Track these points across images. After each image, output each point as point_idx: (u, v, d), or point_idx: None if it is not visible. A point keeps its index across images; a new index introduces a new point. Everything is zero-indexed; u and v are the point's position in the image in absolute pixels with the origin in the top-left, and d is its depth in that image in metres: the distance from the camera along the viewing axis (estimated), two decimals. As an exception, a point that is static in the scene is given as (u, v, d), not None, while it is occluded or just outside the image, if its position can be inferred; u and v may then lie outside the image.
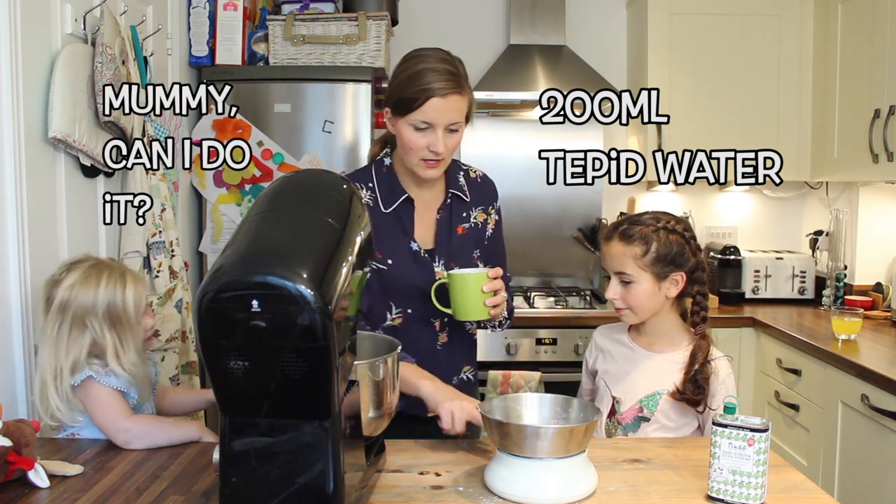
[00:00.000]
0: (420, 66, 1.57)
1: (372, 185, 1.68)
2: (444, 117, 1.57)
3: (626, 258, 1.63)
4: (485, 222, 1.79)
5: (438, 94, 1.55)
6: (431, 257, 1.69)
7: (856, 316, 2.52)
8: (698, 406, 1.61)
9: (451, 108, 1.57)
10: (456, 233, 1.73)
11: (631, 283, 1.63)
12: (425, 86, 1.54)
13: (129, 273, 1.60)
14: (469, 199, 1.75)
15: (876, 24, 2.68)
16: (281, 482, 1.08)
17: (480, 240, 1.78)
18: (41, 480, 1.29)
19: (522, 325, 2.92)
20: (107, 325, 1.53)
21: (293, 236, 1.08)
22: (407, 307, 1.67)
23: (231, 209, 2.84)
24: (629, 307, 1.65)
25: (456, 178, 1.75)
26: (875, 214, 3.08)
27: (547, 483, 1.24)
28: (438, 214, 1.72)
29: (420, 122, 1.57)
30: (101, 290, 1.53)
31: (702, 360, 1.61)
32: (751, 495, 1.23)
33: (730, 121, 3.18)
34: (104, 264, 1.60)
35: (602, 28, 3.53)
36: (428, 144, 1.58)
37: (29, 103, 1.78)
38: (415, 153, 1.59)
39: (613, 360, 1.74)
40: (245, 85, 2.85)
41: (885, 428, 2.11)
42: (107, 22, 2.00)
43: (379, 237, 1.62)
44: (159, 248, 2.25)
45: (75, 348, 1.52)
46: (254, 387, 1.06)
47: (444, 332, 1.72)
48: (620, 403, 1.67)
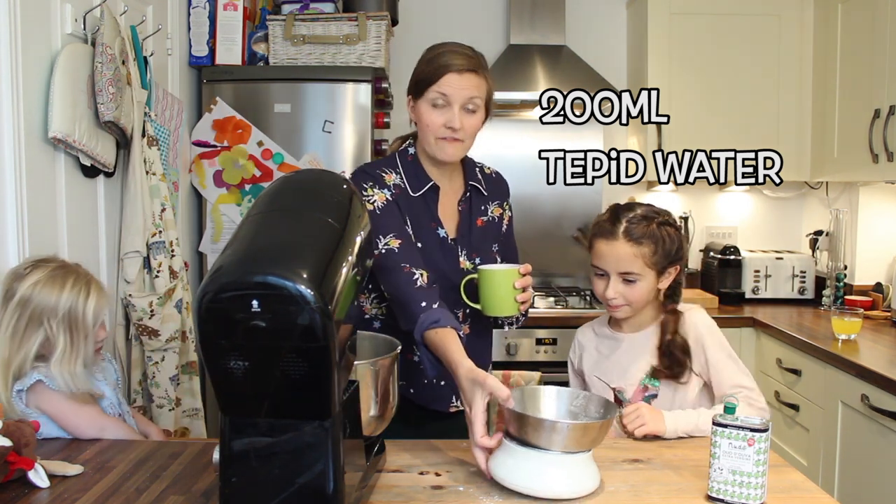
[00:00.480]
0: (439, 51, 1.63)
1: (399, 171, 1.69)
2: (461, 93, 1.59)
3: (636, 259, 1.62)
4: (500, 217, 1.81)
5: (454, 69, 1.58)
6: (456, 246, 1.70)
7: (856, 316, 2.52)
8: (680, 378, 1.61)
9: (466, 84, 1.59)
10: (476, 225, 1.74)
11: (635, 281, 1.63)
12: (443, 63, 1.59)
13: (94, 283, 1.60)
14: (487, 193, 1.77)
15: (876, 24, 2.68)
16: (281, 482, 1.08)
17: (498, 234, 1.80)
18: (41, 480, 1.29)
19: (522, 325, 2.91)
20: (63, 328, 1.53)
21: (293, 236, 1.08)
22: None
23: (231, 209, 2.84)
24: (629, 303, 1.65)
25: (474, 171, 1.77)
26: (875, 214, 3.08)
27: (554, 476, 1.25)
28: (460, 206, 1.73)
29: (437, 95, 1.59)
30: (65, 294, 1.54)
31: (672, 331, 1.62)
32: (751, 495, 1.23)
33: (730, 121, 3.18)
34: (71, 269, 1.60)
35: (602, 28, 3.53)
36: (445, 122, 1.60)
37: (29, 103, 1.78)
38: (432, 131, 1.61)
39: (601, 355, 1.74)
40: (245, 85, 2.85)
41: (885, 428, 2.11)
42: (107, 22, 2.00)
43: (410, 219, 1.65)
44: (159, 248, 2.25)
45: (26, 345, 1.52)
46: (254, 387, 1.06)
47: (467, 324, 1.73)
48: (624, 392, 1.68)
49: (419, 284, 1.54)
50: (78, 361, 1.53)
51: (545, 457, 1.25)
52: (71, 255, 1.94)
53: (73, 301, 1.54)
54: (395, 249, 1.58)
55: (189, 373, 2.41)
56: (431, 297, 1.52)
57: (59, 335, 1.52)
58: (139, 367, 2.24)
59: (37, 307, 1.52)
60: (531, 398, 1.39)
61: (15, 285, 1.54)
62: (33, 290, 1.53)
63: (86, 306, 1.55)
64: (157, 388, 2.25)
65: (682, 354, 1.62)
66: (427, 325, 1.46)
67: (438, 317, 1.46)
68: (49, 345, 1.54)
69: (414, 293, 1.51)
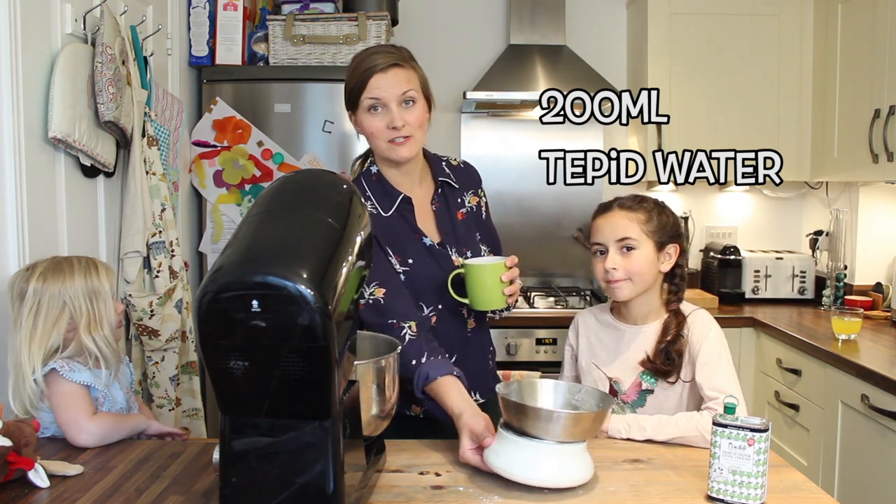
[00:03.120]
0: (360, 57, 1.62)
1: (368, 195, 1.68)
2: (392, 90, 1.58)
3: (632, 223, 1.62)
4: (479, 205, 1.81)
5: (378, 69, 1.58)
6: (444, 248, 1.70)
7: (856, 316, 2.52)
8: (668, 377, 1.61)
9: (394, 80, 1.58)
10: (458, 219, 1.74)
11: (633, 249, 1.62)
12: (366, 67, 1.59)
13: (98, 261, 1.65)
14: (458, 185, 1.77)
15: (876, 24, 2.68)
16: (281, 482, 1.08)
17: (480, 223, 1.80)
18: (41, 480, 1.29)
19: (522, 325, 2.92)
20: (84, 297, 1.57)
21: (293, 236, 1.08)
22: (437, 303, 1.67)
23: (231, 209, 2.84)
24: (629, 276, 1.63)
25: (440, 166, 1.76)
26: (875, 214, 3.08)
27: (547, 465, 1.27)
28: (433, 206, 1.72)
29: (370, 101, 1.59)
30: (76, 272, 1.59)
31: (674, 333, 1.62)
32: (751, 495, 1.23)
33: (730, 121, 3.18)
34: (70, 257, 1.64)
35: (602, 28, 3.53)
36: (387, 123, 1.59)
37: (29, 103, 1.78)
38: (379, 136, 1.61)
39: (601, 342, 1.73)
40: (245, 85, 2.85)
41: (885, 428, 2.11)
42: (107, 22, 2.00)
43: (393, 241, 1.64)
44: (159, 248, 2.25)
45: (54, 332, 1.54)
46: (254, 387, 1.06)
47: (472, 318, 1.74)
48: (619, 383, 1.67)
49: (408, 339, 1.54)
50: (104, 327, 1.58)
51: (539, 447, 1.26)
52: (71, 254, 1.94)
53: (86, 275, 1.59)
54: (381, 300, 1.57)
55: (189, 373, 2.41)
56: (420, 349, 1.54)
57: (82, 305, 1.57)
58: (139, 367, 2.24)
59: (53, 292, 1.55)
60: (530, 391, 1.40)
61: (24, 285, 1.57)
62: (44, 280, 1.56)
63: (99, 276, 1.60)
64: (157, 388, 2.26)
65: (678, 357, 1.62)
66: (421, 384, 1.51)
67: (428, 371, 1.50)
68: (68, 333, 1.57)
69: (405, 351, 1.52)
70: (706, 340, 1.62)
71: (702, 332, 1.64)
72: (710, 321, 1.67)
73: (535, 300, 3.16)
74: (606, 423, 1.54)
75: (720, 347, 1.63)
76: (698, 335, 1.63)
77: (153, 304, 2.19)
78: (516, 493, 1.27)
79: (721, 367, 1.60)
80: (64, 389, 1.53)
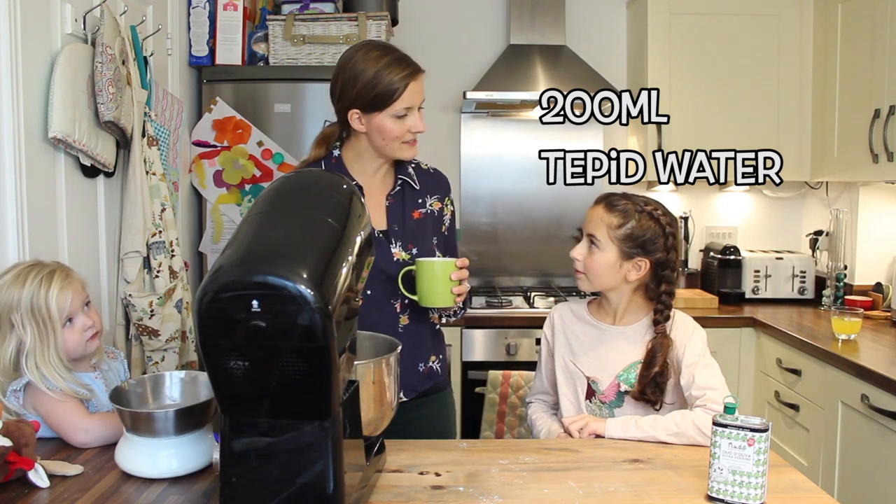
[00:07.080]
0: (383, 60, 1.63)
1: None
2: (420, 97, 1.66)
3: (601, 224, 1.65)
4: (441, 211, 1.82)
5: (412, 77, 1.63)
6: (387, 238, 1.72)
7: (856, 316, 2.52)
8: (656, 405, 1.62)
9: (421, 86, 1.66)
10: (412, 217, 1.76)
11: (597, 248, 1.64)
12: (400, 74, 1.62)
13: (59, 273, 1.55)
14: (419, 187, 1.79)
15: (876, 24, 2.68)
16: (281, 482, 1.08)
17: (439, 227, 1.81)
18: (41, 480, 1.29)
19: (522, 325, 2.92)
20: (28, 322, 1.49)
21: (293, 236, 1.08)
22: (366, 289, 1.67)
23: (231, 209, 2.84)
24: (585, 272, 1.67)
25: (405, 167, 1.80)
26: (875, 214, 3.08)
27: (163, 458, 1.33)
28: (388, 200, 1.75)
29: (402, 109, 1.63)
30: (26, 288, 1.50)
31: (661, 361, 1.61)
32: (751, 495, 1.23)
33: (730, 121, 3.18)
34: (41, 265, 1.55)
35: (602, 28, 3.53)
36: (409, 127, 1.66)
37: (29, 103, 1.78)
38: (398, 139, 1.66)
39: (578, 339, 1.73)
40: (245, 85, 2.85)
41: (885, 428, 2.11)
42: (107, 22, 2.00)
43: None
44: (159, 248, 2.25)
45: (6, 348, 1.49)
46: (254, 387, 1.06)
47: (406, 315, 1.74)
48: (598, 383, 1.67)
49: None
50: (49, 355, 1.50)
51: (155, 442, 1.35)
52: (71, 254, 1.94)
53: (34, 293, 1.50)
54: None
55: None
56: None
57: (26, 329, 1.49)
58: (139, 367, 2.24)
59: (3, 307, 1.49)
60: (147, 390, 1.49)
61: None
62: (1, 292, 1.50)
63: (47, 296, 1.50)
64: (157, 388, 2.25)
65: (665, 383, 1.62)
66: None
67: None
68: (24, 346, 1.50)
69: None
70: (689, 344, 1.63)
71: (684, 336, 1.64)
72: (690, 324, 1.67)
73: (535, 300, 3.16)
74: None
75: (703, 347, 1.64)
76: (681, 340, 1.63)
77: (153, 304, 2.19)
78: (516, 492, 1.28)
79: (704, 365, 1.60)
80: (47, 399, 1.49)
